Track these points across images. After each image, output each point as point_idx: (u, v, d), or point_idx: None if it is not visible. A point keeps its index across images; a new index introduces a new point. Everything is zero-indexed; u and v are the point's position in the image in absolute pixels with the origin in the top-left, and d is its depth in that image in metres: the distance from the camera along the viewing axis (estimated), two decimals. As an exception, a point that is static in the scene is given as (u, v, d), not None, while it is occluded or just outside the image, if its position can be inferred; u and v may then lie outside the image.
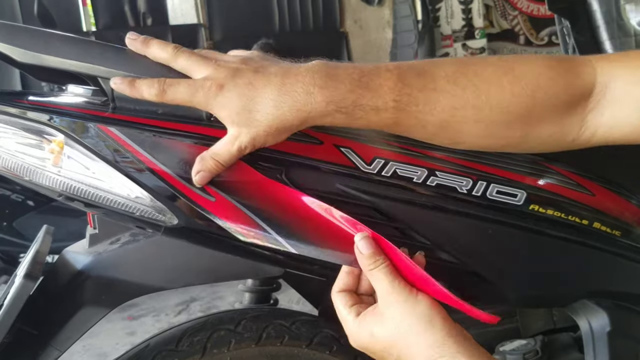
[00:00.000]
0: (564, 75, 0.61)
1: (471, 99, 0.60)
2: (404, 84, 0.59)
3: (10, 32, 0.63)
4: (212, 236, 0.68)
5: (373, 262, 0.61)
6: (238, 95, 0.58)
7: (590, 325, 0.80)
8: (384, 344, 0.60)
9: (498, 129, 0.62)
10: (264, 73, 0.59)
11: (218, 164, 0.61)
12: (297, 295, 1.08)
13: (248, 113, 0.58)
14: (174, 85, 0.59)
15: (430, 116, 0.60)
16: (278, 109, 0.57)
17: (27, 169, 0.65)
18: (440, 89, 0.59)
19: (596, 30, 1.23)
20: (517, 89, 0.60)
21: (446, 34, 4.72)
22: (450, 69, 0.61)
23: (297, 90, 0.57)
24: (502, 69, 0.61)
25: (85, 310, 0.79)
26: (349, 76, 0.58)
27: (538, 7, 5.17)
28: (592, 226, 0.76)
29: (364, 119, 0.59)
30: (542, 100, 0.61)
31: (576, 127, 0.63)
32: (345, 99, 0.58)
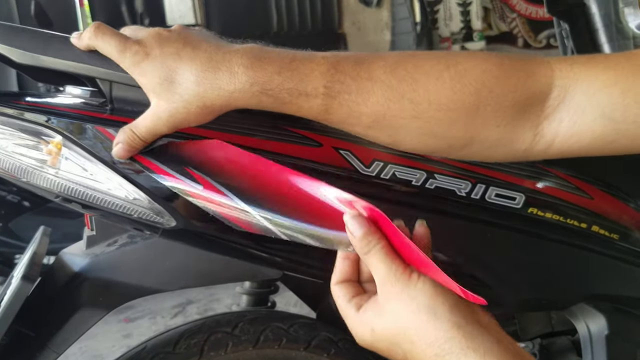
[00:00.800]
0: (513, 74, 0.56)
1: (408, 91, 0.55)
2: (337, 70, 0.55)
3: (9, 32, 0.63)
4: (210, 238, 0.68)
5: (367, 244, 0.55)
6: (162, 64, 0.55)
7: (588, 328, 0.80)
8: (386, 341, 0.54)
9: (438, 128, 0.57)
10: (194, 47, 0.56)
11: (135, 136, 0.59)
12: (295, 297, 1.08)
13: (169, 84, 0.55)
14: (108, 35, 0.57)
15: (364, 107, 0.56)
16: (199, 86, 0.55)
17: (25, 170, 0.65)
18: (375, 79, 0.55)
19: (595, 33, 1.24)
20: (459, 85, 0.55)
21: (444, 36, 4.72)
22: (390, 60, 0.57)
23: (221, 69, 0.55)
24: (445, 63, 0.56)
25: (83, 312, 0.79)
26: (279, 58, 0.56)
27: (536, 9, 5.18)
28: (590, 229, 0.76)
29: (293, 104, 0.56)
30: (487, 99, 0.55)
31: (529, 134, 0.57)
32: (270, 81, 0.55)
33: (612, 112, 0.54)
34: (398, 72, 0.55)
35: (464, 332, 0.50)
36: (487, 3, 5.13)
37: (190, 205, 0.64)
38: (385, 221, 0.55)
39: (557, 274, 0.77)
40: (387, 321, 0.54)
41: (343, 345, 0.92)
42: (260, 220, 0.61)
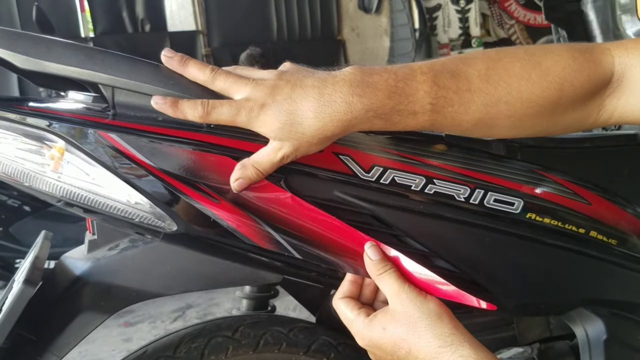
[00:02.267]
0: (586, 66, 0.64)
1: (503, 95, 0.62)
2: (439, 86, 0.61)
3: (12, 38, 0.63)
4: (211, 242, 0.69)
5: (382, 267, 0.66)
6: (279, 111, 0.59)
7: (586, 333, 0.80)
8: (395, 338, 0.64)
9: (528, 120, 0.65)
10: (302, 86, 0.60)
11: (258, 172, 0.62)
12: (294, 302, 1.08)
13: (290, 126, 0.59)
14: (218, 107, 0.60)
15: (465, 115, 0.62)
16: (319, 120, 0.59)
17: (27, 175, 0.66)
18: (474, 89, 0.61)
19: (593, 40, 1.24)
20: (546, 83, 0.63)
21: (443, 42, 4.74)
22: (482, 66, 0.63)
23: (337, 101, 0.59)
24: (530, 63, 0.63)
25: (84, 316, 0.79)
26: (385, 82, 0.60)
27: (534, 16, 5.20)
28: (588, 235, 0.76)
29: (401, 123, 0.61)
30: (568, 91, 0.63)
31: (595, 111, 0.67)
32: (384, 106, 0.59)
33: None
34: (492, 79, 0.62)
35: (461, 332, 0.63)
36: (485, 10, 5.15)
37: (192, 210, 0.65)
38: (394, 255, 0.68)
39: (556, 278, 0.78)
40: (400, 321, 0.64)
41: (343, 349, 0.92)
42: (280, 241, 0.67)
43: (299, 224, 0.67)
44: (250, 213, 0.65)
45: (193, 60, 0.63)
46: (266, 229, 0.66)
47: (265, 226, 0.66)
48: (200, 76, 0.62)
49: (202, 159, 0.64)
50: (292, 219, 0.66)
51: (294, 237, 0.67)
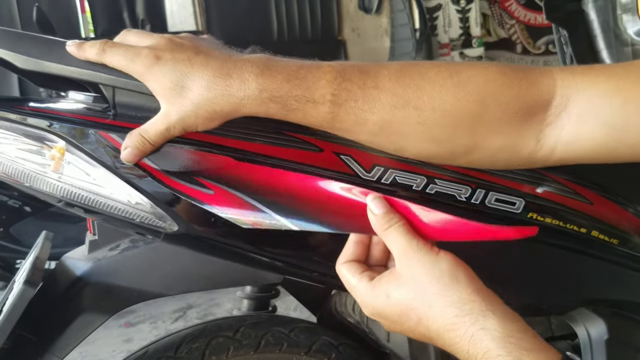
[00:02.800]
0: (517, 83, 0.57)
1: (413, 98, 0.57)
2: (344, 78, 0.57)
3: (12, 38, 0.63)
4: (212, 243, 0.69)
5: (387, 221, 0.59)
6: (173, 69, 0.57)
7: (588, 333, 0.80)
8: (401, 306, 0.56)
9: (442, 134, 0.58)
10: (206, 54, 0.58)
11: (145, 141, 0.60)
12: (295, 302, 1.08)
13: (180, 89, 0.57)
14: (115, 48, 0.59)
15: (370, 114, 0.57)
16: (210, 91, 0.56)
17: (28, 175, 0.66)
18: (381, 87, 0.57)
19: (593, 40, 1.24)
20: (462, 93, 0.57)
21: (444, 42, 4.74)
22: (395, 68, 0.59)
23: (232, 76, 0.57)
24: (448, 71, 0.58)
25: (85, 316, 0.79)
26: (287, 66, 0.58)
27: (535, 15, 5.20)
28: (590, 234, 0.76)
29: (299, 110, 0.58)
30: (490, 107, 0.57)
31: (532, 141, 0.59)
32: (279, 88, 0.56)
33: (613, 120, 0.55)
34: (403, 80, 0.57)
35: (483, 297, 0.54)
36: (486, 9, 5.15)
37: (193, 210, 0.65)
38: (402, 205, 0.60)
39: (557, 278, 0.78)
40: (406, 286, 0.56)
41: (344, 349, 0.92)
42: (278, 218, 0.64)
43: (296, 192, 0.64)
44: (245, 195, 0.64)
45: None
46: (263, 209, 0.64)
47: (259, 205, 0.64)
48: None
49: (202, 159, 0.64)
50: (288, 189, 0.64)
51: (292, 210, 0.65)
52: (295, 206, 0.65)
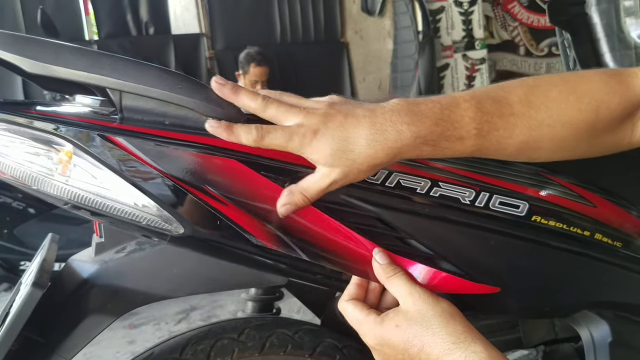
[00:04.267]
0: (618, 89, 0.67)
1: (545, 118, 0.65)
2: (483, 112, 0.63)
3: (20, 43, 0.64)
4: (217, 245, 0.69)
5: (392, 270, 0.68)
6: (332, 138, 0.61)
7: (591, 335, 0.80)
8: (408, 335, 0.64)
9: (569, 143, 0.67)
10: (354, 115, 0.62)
11: (306, 199, 0.64)
12: (298, 304, 1.09)
13: (342, 154, 0.61)
14: (272, 132, 0.62)
15: (510, 139, 0.64)
16: (371, 148, 0.60)
17: (35, 179, 0.66)
18: (517, 114, 0.64)
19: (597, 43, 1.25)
20: (583, 106, 0.66)
21: (447, 44, 4.73)
22: (522, 92, 0.65)
23: (388, 130, 0.61)
24: (567, 88, 0.66)
25: (91, 318, 0.80)
26: (431, 111, 0.62)
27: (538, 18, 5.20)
28: (593, 237, 0.76)
29: (449, 149, 0.63)
30: (604, 114, 0.66)
31: (629, 132, 0.69)
32: (432, 133, 0.61)
33: None
34: (534, 104, 0.65)
35: (473, 331, 0.64)
36: (489, 12, 5.15)
37: (199, 213, 0.65)
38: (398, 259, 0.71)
39: (561, 281, 0.78)
40: (414, 319, 0.65)
41: (348, 352, 0.92)
42: (289, 242, 0.68)
43: (307, 227, 0.67)
44: (257, 217, 0.66)
45: (244, 90, 0.64)
46: (274, 230, 0.67)
47: (272, 229, 0.67)
48: (252, 105, 0.63)
49: (209, 163, 0.64)
50: (299, 222, 0.67)
51: (302, 240, 0.68)
52: (308, 240, 0.69)
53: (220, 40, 4.59)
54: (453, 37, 4.75)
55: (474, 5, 4.74)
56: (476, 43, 4.79)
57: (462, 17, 4.73)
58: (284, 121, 0.63)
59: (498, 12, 5.22)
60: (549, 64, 5.19)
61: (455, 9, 4.72)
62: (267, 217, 0.66)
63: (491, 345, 0.63)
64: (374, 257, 0.70)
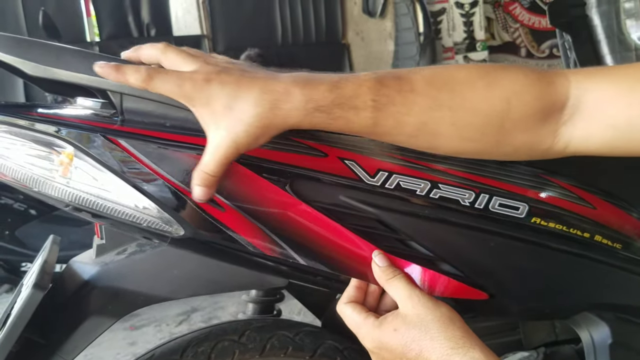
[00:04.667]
0: (538, 83, 0.62)
1: (446, 100, 0.61)
2: (382, 84, 0.60)
3: (21, 46, 0.64)
4: (218, 247, 0.69)
5: (391, 272, 0.68)
6: (221, 91, 0.58)
7: (592, 337, 0.80)
8: (406, 339, 0.64)
9: (473, 133, 0.63)
10: (251, 75, 0.59)
11: (209, 176, 0.61)
12: (299, 306, 1.09)
13: (230, 111, 0.58)
14: (162, 74, 0.59)
15: (407, 117, 0.61)
16: (258, 106, 0.58)
17: (36, 180, 0.66)
18: (417, 91, 0.61)
19: (597, 45, 1.25)
20: (491, 93, 0.62)
21: (448, 46, 4.74)
22: (427, 72, 0.62)
23: (278, 90, 0.58)
24: (478, 73, 0.63)
25: (92, 319, 0.80)
26: (328, 77, 0.60)
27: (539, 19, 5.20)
28: (593, 239, 0.76)
29: (343, 118, 0.60)
30: (516, 106, 0.62)
31: (550, 137, 0.64)
32: (324, 98, 0.59)
33: (618, 122, 0.61)
34: (436, 83, 0.62)
35: (471, 336, 0.63)
36: (490, 13, 5.15)
37: (199, 215, 0.66)
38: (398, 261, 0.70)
39: (561, 283, 0.78)
40: (412, 322, 0.64)
41: (349, 353, 0.93)
42: (286, 248, 0.68)
43: (305, 229, 0.67)
44: (256, 221, 0.66)
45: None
46: (271, 236, 0.67)
47: (270, 234, 0.67)
48: (153, 51, 0.62)
49: None
50: (297, 225, 0.67)
51: (299, 244, 0.68)
52: (306, 242, 0.68)
53: (221, 42, 4.60)
54: (454, 39, 4.75)
55: (474, 6, 4.75)
56: (477, 44, 4.80)
57: (463, 19, 4.74)
58: (183, 66, 0.60)
59: (499, 14, 5.22)
60: (550, 65, 5.20)
61: (456, 10, 4.73)
62: (267, 220, 0.66)
63: (490, 351, 0.62)
64: (373, 259, 0.69)
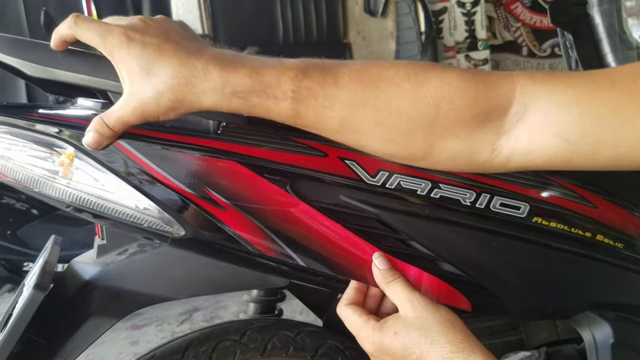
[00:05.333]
0: (474, 86, 0.56)
1: (371, 98, 0.57)
2: (305, 75, 0.57)
3: (21, 46, 0.64)
4: (219, 247, 0.69)
5: (391, 276, 0.68)
6: (142, 52, 0.56)
7: (593, 337, 0.80)
8: (407, 342, 0.63)
9: (400, 136, 0.58)
10: (175, 43, 0.58)
11: (104, 125, 0.59)
12: (300, 305, 1.09)
13: (145, 74, 0.56)
14: (88, 22, 0.58)
15: (330, 111, 0.58)
16: (173, 79, 0.56)
17: (37, 181, 0.66)
18: (340, 85, 0.57)
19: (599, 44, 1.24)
20: (419, 95, 0.57)
21: (449, 45, 4.73)
22: (356, 67, 0.59)
23: (197, 67, 0.56)
24: (406, 72, 0.57)
25: (93, 320, 0.80)
26: (250, 62, 0.58)
27: (541, 18, 5.19)
28: (595, 238, 0.76)
29: (261, 106, 0.58)
30: (445, 111, 0.56)
31: (487, 148, 0.58)
32: (241, 84, 0.56)
33: (568, 132, 0.54)
34: (362, 79, 0.57)
35: (472, 340, 0.63)
36: (491, 12, 5.15)
37: (200, 216, 0.66)
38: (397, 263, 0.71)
39: (562, 282, 0.78)
40: (412, 325, 0.64)
41: (350, 353, 0.92)
42: (286, 249, 0.68)
43: (305, 230, 0.67)
44: (257, 220, 0.66)
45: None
46: (272, 237, 0.67)
47: (270, 234, 0.67)
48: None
49: (210, 165, 0.65)
50: (298, 226, 0.67)
51: (300, 245, 0.68)
52: (306, 243, 0.68)
53: (222, 41, 4.59)
54: (455, 38, 4.75)
55: (476, 5, 4.74)
56: (478, 43, 4.79)
57: (465, 18, 4.73)
58: (117, 20, 0.60)
59: (500, 13, 5.22)
60: (552, 65, 5.19)
61: (457, 9, 4.72)
62: (268, 220, 0.66)
63: (490, 354, 0.62)
64: (374, 261, 0.69)
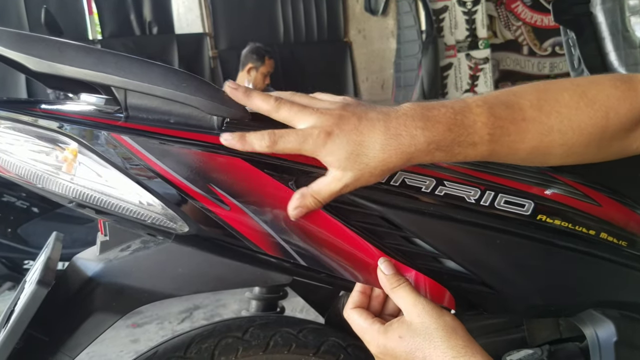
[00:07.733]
0: (628, 94, 0.67)
1: (556, 124, 0.65)
2: (496, 117, 0.63)
3: (25, 41, 0.64)
4: (222, 244, 0.69)
5: (397, 281, 0.68)
6: (346, 141, 0.61)
7: (596, 335, 0.80)
8: (411, 346, 0.65)
9: (579, 149, 0.67)
10: (367, 119, 0.61)
11: (317, 201, 0.64)
12: (302, 303, 1.09)
13: (356, 157, 0.61)
14: (284, 136, 0.61)
15: (521, 144, 0.64)
16: (384, 152, 0.61)
17: (40, 177, 0.66)
18: (528, 119, 0.64)
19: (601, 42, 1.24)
20: (593, 111, 0.65)
21: (450, 44, 4.74)
22: (533, 97, 0.65)
23: (402, 134, 0.61)
24: (577, 93, 0.66)
25: (96, 316, 0.79)
26: (444, 116, 0.62)
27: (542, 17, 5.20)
28: (598, 236, 0.76)
29: (461, 154, 0.63)
30: (613, 119, 0.66)
31: (638, 138, 0.69)
32: (445, 139, 0.61)
33: None
34: (544, 109, 0.65)
35: (474, 346, 0.64)
36: (492, 11, 5.15)
37: (203, 212, 0.65)
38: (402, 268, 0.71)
39: (566, 280, 0.78)
40: (417, 330, 0.65)
41: (352, 350, 0.92)
42: (288, 248, 0.67)
43: (308, 228, 0.67)
44: (260, 219, 0.66)
45: (256, 92, 0.64)
46: (274, 235, 0.66)
47: (273, 233, 0.66)
48: (264, 106, 0.63)
49: (213, 161, 0.64)
50: (301, 224, 0.67)
51: (303, 245, 0.67)
52: (309, 243, 0.68)
53: (223, 40, 4.60)
54: (456, 37, 4.75)
55: (477, 4, 4.74)
56: (479, 42, 4.79)
57: (465, 17, 4.73)
58: (297, 123, 0.62)
59: (501, 12, 5.22)
60: (552, 63, 5.19)
61: (458, 8, 4.73)
62: (270, 217, 0.66)
63: (490, 358, 0.64)
64: (379, 266, 0.70)
